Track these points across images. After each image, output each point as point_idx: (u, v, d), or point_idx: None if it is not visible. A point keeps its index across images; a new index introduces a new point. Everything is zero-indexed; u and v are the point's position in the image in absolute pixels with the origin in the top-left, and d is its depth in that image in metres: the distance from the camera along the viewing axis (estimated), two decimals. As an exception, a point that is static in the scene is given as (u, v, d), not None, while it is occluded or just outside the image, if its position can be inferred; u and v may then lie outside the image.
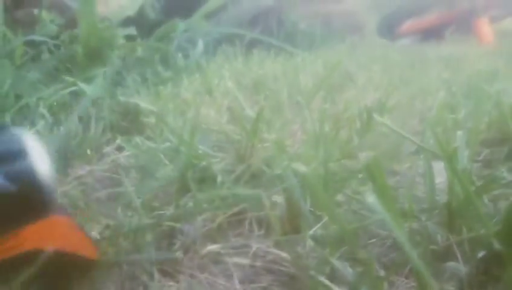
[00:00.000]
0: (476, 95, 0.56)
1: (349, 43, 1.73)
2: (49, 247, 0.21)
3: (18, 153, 0.21)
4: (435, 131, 0.37)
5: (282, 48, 1.27)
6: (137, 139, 0.54)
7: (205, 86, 0.75)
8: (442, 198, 0.39)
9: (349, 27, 1.93)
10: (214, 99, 0.65)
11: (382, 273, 0.32)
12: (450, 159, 0.30)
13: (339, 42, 1.69)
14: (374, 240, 0.34)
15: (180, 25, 1.01)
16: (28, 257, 0.21)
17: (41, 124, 0.56)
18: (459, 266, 0.31)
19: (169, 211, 0.40)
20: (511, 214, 0.24)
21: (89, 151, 0.51)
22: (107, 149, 0.53)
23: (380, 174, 0.16)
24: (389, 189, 0.16)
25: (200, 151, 0.47)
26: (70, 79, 0.66)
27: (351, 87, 0.83)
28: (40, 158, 0.22)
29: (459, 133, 0.42)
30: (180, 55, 0.90)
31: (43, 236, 0.22)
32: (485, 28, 2.18)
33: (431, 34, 2.36)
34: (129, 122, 0.61)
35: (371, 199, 0.15)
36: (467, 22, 2.28)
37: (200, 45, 0.95)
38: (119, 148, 0.53)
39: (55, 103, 0.65)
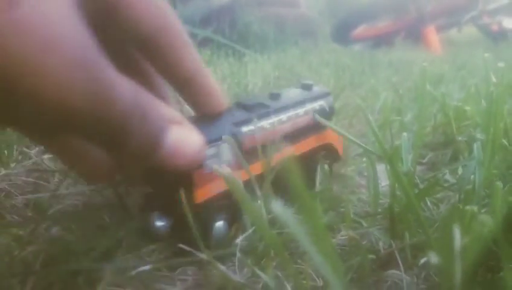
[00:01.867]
0: (422, 98, 0.56)
1: (302, 46, 1.73)
2: (334, 143, 0.41)
3: (327, 93, 0.40)
4: (378, 132, 0.35)
5: (234, 48, 1.24)
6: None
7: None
8: (386, 202, 0.38)
9: (302, 31, 1.93)
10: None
11: (320, 283, 0.29)
12: (392, 161, 0.29)
13: (291, 45, 1.68)
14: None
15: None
16: (326, 147, 0.40)
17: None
18: (399, 275, 0.29)
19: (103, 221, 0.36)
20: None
21: (6, 152, 0.46)
22: (28, 151, 0.48)
23: (298, 180, 0.13)
24: (307, 196, 0.13)
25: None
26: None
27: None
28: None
29: (404, 134, 0.40)
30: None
31: (331, 137, 0.41)
32: (432, 36, 2.26)
33: (382, 40, 2.42)
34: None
35: (277, 207, 0.12)
36: (415, 30, 2.36)
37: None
38: (43, 150, 0.48)
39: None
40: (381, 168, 0.45)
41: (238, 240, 0.30)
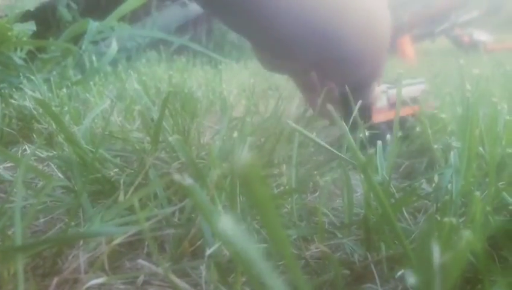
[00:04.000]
0: (398, 105, 0.55)
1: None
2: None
3: (422, 81, 0.57)
4: (352, 141, 0.34)
5: (210, 56, 1.22)
6: (26, 147, 0.47)
7: (118, 91, 0.68)
8: (361, 212, 0.37)
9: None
10: (124, 105, 0.59)
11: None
12: (366, 170, 0.27)
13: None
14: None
15: (93, 24, 0.91)
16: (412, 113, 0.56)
17: None
18: (375, 289, 0.28)
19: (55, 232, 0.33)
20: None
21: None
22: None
23: (259, 185, 0.11)
24: (270, 206, 0.12)
25: (97, 162, 0.40)
26: None
27: (275, 98, 0.79)
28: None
29: (379, 142, 0.39)
30: (94, 58, 0.82)
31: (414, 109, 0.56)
32: (408, 46, 2.30)
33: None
34: (19, 129, 0.52)
35: (224, 226, 0.10)
36: (391, 40, 2.39)
37: (114, 45, 0.87)
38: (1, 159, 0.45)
39: None
40: (357, 176, 0.44)
41: (207, 252, 0.28)
